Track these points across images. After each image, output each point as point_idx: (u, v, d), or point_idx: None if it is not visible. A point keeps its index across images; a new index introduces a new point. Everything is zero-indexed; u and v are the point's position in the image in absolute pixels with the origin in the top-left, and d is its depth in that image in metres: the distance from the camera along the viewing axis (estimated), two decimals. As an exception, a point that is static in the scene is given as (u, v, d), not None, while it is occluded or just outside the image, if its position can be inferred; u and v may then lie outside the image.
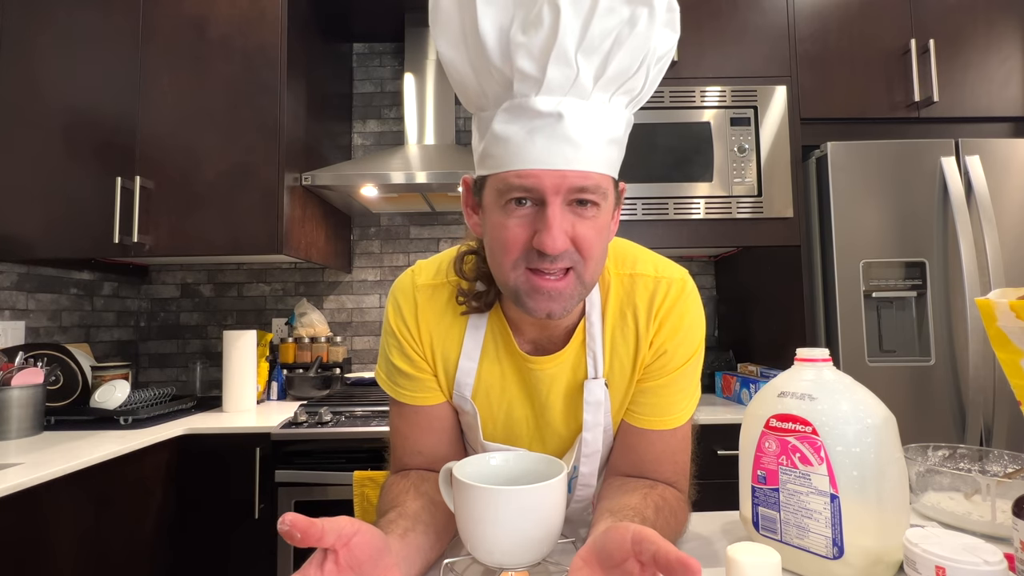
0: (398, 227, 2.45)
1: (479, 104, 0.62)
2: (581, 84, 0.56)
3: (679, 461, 0.74)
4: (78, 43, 1.81)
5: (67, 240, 1.76)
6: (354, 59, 2.52)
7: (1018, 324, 0.57)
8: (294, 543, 0.45)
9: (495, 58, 0.56)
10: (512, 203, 0.58)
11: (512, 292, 0.62)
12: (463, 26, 0.57)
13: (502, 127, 0.57)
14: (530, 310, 0.61)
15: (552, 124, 0.56)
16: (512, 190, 0.58)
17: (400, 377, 0.74)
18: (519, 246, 0.59)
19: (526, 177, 0.56)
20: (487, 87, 0.59)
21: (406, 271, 0.77)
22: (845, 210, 1.72)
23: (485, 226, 0.64)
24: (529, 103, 0.56)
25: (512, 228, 0.59)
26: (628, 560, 0.45)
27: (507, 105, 0.57)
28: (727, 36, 1.91)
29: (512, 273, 0.61)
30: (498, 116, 0.58)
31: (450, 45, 0.59)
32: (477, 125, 0.63)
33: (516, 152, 0.57)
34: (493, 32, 0.55)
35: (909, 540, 0.53)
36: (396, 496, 0.68)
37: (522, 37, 0.55)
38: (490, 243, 0.63)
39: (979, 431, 1.62)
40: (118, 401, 1.71)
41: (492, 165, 0.59)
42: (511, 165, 0.57)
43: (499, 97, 0.58)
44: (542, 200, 0.57)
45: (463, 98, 0.64)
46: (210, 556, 1.59)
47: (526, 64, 0.55)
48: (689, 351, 0.71)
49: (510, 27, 0.55)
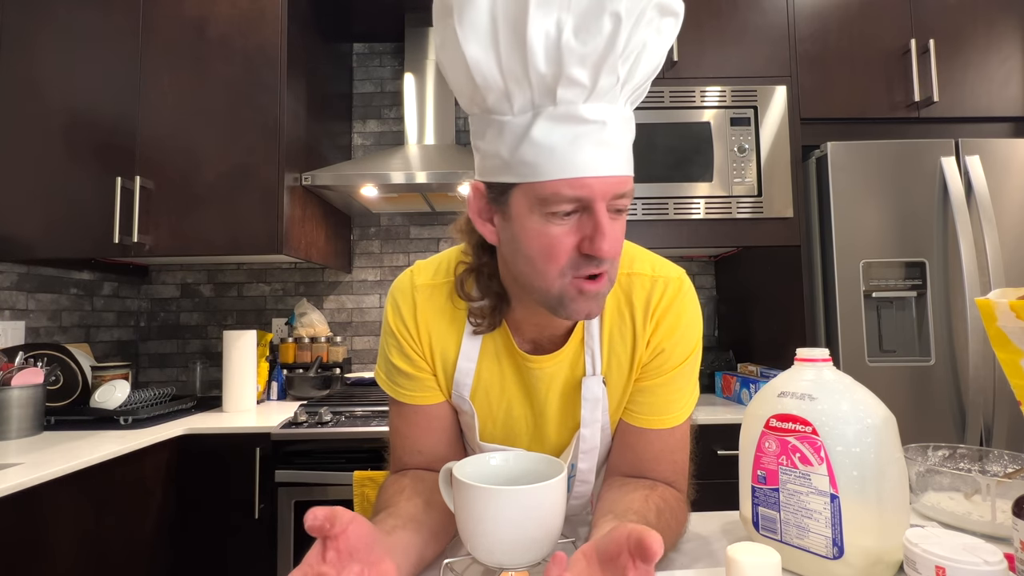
0: (398, 227, 2.45)
1: (496, 108, 0.58)
2: (615, 91, 0.56)
3: (678, 460, 0.74)
4: (78, 43, 1.81)
5: (67, 240, 1.76)
6: (354, 59, 2.52)
7: (1018, 324, 0.57)
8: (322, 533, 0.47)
9: (540, 63, 0.54)
10: (555, 212, 0.57)
11: (555, 299, 0.61)
12: (497, 27, 0.54)
13: (543, 134, 0.56)
14: (572, 313, 0.61)
15: (597, 131, 0.56)
16: (561, 200, 0.56)
17: (400, 377, 0.74)
18: (566, 254, 0.58)
19: (578, 186, 0.55)
20: (517, 92, 0.56)
21: (405, 271, 0.76)
22: (845, 210, 1.72)
23: (512, 235, 0.61)
24: (576, 110, 0.55)
25: (558, 236, 0.58)
26: (622, 554, 0.47)
27: (550, 112, 0.56)
28: (727, 36, 1.91)
29: (558, 281, 0.60)
30: (538, 123, 0.56)
31: (480, 46, 0.55)
32: (498, 131, 0.59)
33: (563, 160, 0.55)
34: (541, 37, 0.53)
35: (909, 540, 0.53)
36: (390, 497, 0.68)
37: (576, 44, 0.53)
38: (527, 252, 0.60)
39: (979, 431, 1.62)
40: (118, 401, 1.71)
41: (528, 173, 0.57)
42: (559, 174, 0.55)
43: (532, 102, 0.56)
44: (587, 207, 0.57)
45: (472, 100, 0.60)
46: (210, 556, 1.59)
47: (578, 72, 0.54)
48: (687, 350, 0.71)
49: (559, 33, 0.53)
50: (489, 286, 0.69)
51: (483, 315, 0.70)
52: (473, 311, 0.70)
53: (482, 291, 0.69)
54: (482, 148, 0.61)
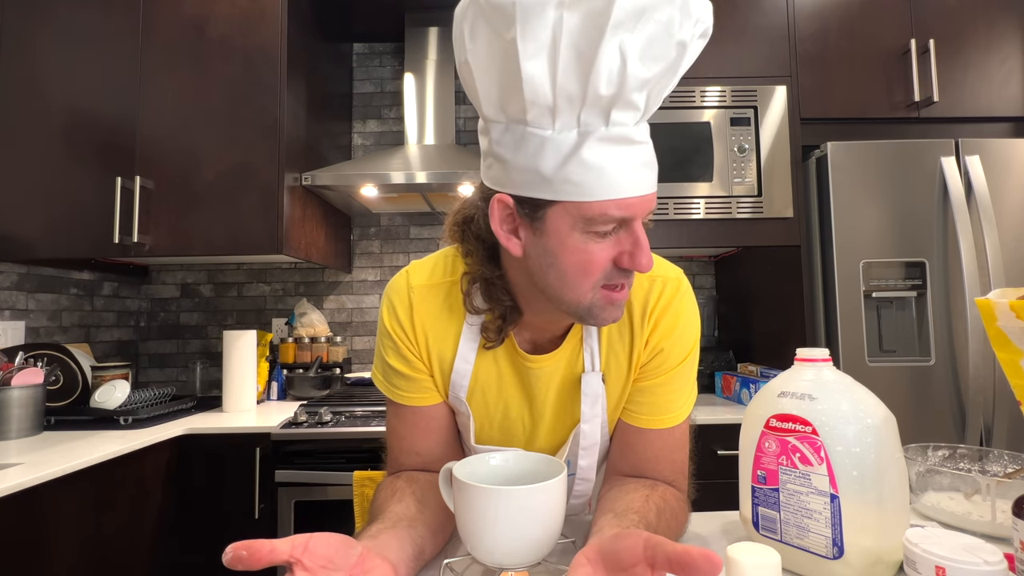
0: (398, 227, 2.45)
1: (535, 122, 0.56)
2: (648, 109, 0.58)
3: (677, 460, 0.74)
4: (78, 43, 1.81)
5: (67, 240, 1.76)
6: (354, 59, 2.52)
7: (1018, 324, 0.57)
8: (243, 565, 0.44)
9: (602, 85, 0.53)
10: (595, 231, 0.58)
11: (585, 309, 0.62)
12: (557, 43, 0.53)
13: (594, 156, 0.55)
14: (601, 321, 0.63)
15: (640, 151, 0.58)
16: (608, 220, 0.57)
17: (396, 378, 0.74)
18: (601, 269, 0.60)
19: (626, 207, 0.57)
20: (566, 109, 0.55)
21: (400, 272, 0.76)
22: (845, 210, 1.72)
23: (546, 250, 0.60)
24: (628, 132, 0.56)
25: (597, 252, 0.59)
26: (638, 565, 0.45)
27: (602, 133, 0.56)
28: (727, 36, 1.91)
29: (590, 294, 0.61)
30: (589, 144, 0.55)
31: (539, 62, 0.53)
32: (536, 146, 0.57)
33: (613, 181, 0.56)
34: (608, 59, 0.52)
35: (909, 540, 0.53)
36: (383, 502, 0.67)
37: (641, 69, 0.53)
38: (562, 267, 0.60)
39: (979, 431, 1.62)
40: (118, 401, 1.71)
41: (573, 192, 0.56)
42: (608, 194, 0.56)
43: (579, 120, 0.56)
44: (625, 223, 0.59)
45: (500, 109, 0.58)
46: (210, 556, 1.59)
47: (636, 96, 0.55)
48: (685, 350, 0.72)
49: (624, 56, 0.53)
50: (502, 300, 0.68)
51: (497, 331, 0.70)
52: (486, 326, 0.70)
53: (491, 303, 0.69)
54: (509, 160, 0.59)
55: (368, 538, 0.57)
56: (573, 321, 0.71)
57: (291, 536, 0.48)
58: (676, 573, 0.43)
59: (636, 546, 0.46)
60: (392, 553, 0.56)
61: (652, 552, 0.44)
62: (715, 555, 0.41)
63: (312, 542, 0.48)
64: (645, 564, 0.45)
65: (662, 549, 0.44)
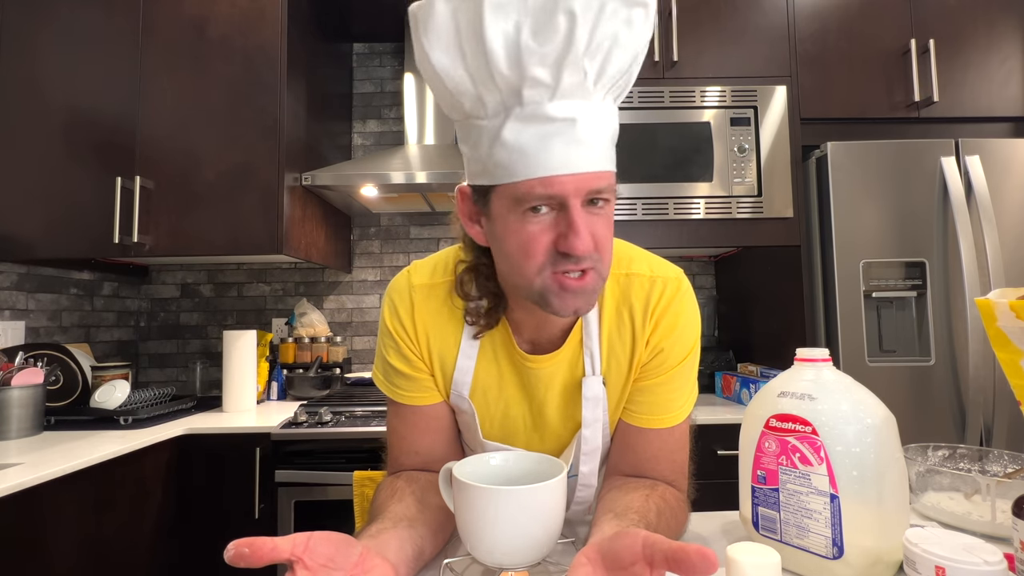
0: (398, 227, 2.45)
1: (473, 112, 0.60)
2: (587, 87, 0.56)
3: (677, 460, 0.74)
4: (78, 43, 1.81)
5: (67, 240, 1.76)
6: (354, 59, 2.52)
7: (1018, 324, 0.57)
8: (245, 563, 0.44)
9: (502, 66, 0.55)
10: (530, 210, 0.58)
11: (537, 295, 0.61)
12: (460, 34, 0.56)
13: (513, 135, 0.56)
14: (557, 309, 0.61)
15: (567, 129, 0.56)
16: (534, 198, 0.57)
17: (397, 377, 0.74)
18: (543, 251, 0.59)
19: (549, 185, 0.56)
20: (487, 95, 0.58)
21: (402, 271, 0.76)
22: (845, 210, 1.72)
23: (495, 235, 0.63)
24: (543, 110, 0.56)
25: (535, 234, 0.59)
26: (637, 563, 0.46)
27: (518, 113, 0.56)
28: (727, 36, 1.91)
29: (537, 278, 0.60)
30: (508, 124, 0.57)
31: (446, 54, 0.57)
32: (477, 135, 0.60)
33: (534, 160, 0.56)
34: (500, 40, 0.54)
35: (909, 540, 0.53)
36: (383, 502, 0.67)
37: (534, 44, 0.54)
38: (507, 251, 0.62)
39: (979, 431, 1.62)
40: (118, 401, 1.71)
41: (503, 175, 0.58)
42: (531, 173, 0.56)
43: (503, 104, 0.57)
44: (562, 204, 0.58)
45: (451, 106, 0.61)
46: (210, 556, 1.59)
47: (539, 71, 0.54)
48: (685, 349, 0.71)
49: (517, 34, 0.54)
50: (487, 286, 0.69)
51: (479, 314, 0.70)
52: (469, 310, 0.70)
53: (480, 291, 0.69)
54: (466, 153, 0.63)
55: (368, 538, 0.57)
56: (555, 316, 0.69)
57: (292, 535, 0.48)
58: (673, 571, 0.43)
59: (635, 545, 0.46)
60: (392, 553, 0.56)
61: (650, 550, 0.44)
62: (711, 552, 0.41)
63: (313, 541, 0.48)
64: (644, 563, 0.45)
65: (659, 547, 0.44)
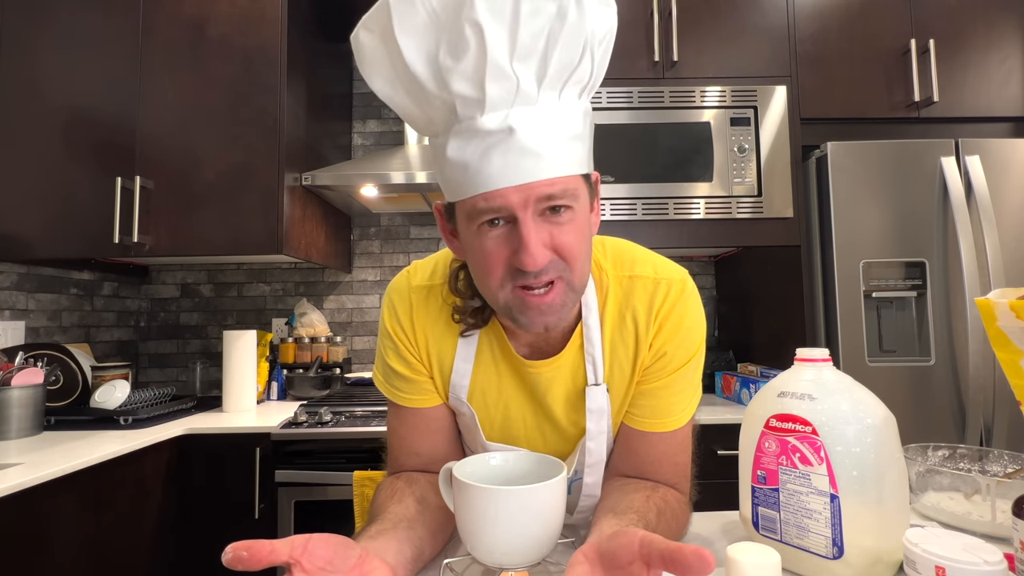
0: (398, 227, 2.45)
1: (430, 131, 0.61)
2: (524, 91, 0.54)
3: (680, 463, 0.73)
4: (78, 43, 1.81)
5: (67, 240, 1.76)
6: (354, 59, 2.51)
7: (1018, 324, 0.57)
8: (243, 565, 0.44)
9: (430, 86, 0.55)
10: (484, 225, 0.57)
11: (504, 310, 0.62)
12: (392, 60, 0.56)
13: (456, 152, 0.56)
14: (524, 325, 0.61)
15: (504, 139, 0.54)
16: (481, 213, 0.56)
17: (396, 379, 0.74)
18: (500, 265, 0.58)
19: (492, 199, 0.55)
20: (432, 115, 0.58)
21: (401, 272, 0.76)
22: (845, 210, 1.72)
23: (463, 251, 0.63)
24: (476, 124, 0.54)
25: (490, 250, 0.58)
26: (634, 563, 0.45)
27: (456, 129, 0.56)
28: (727, 36, 1.91)
29: (500, 293, 0.60)
30: (450, 142, 0.56)
31: (385, 82, 0.58)
32: (434, 153, 0.61)
33: (475, 175, 0.55)
34: (421, 61, 0.54)
35: (909, 540, 0.53)
36: (382, 503, 0.67)
37: (451, 62, 0.53)
38: (473, 267, 0.62)
39: (979, 431, 1.62)
40: (118, 401, 1.71)
41: (455, 191, 0.58)
42: (474, 189, 0.55)
43: (446, 122, 0.57)
44: (512, 217, 0.56)
45: (414, 128, 0.63)
46: (210, 556, 1.58)
47: (462, 87, 0.54)
48: (689, 352, 0.71)
49: (437, 53, 0.53)
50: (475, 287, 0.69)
51: (466, 312, 0.69)
52: (457, 307, 0.70)
53: (472, 289, 0.69)
54: (437, 170, 0.64)
55: (367, 539, 0.57)
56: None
57: (290, 537, 0.47)
58: (670, 570, 0.43)
59: (632, 544, 0.45)
60: (391, 555, 0.56)
61: (647, 550, 0.44)
62: (708, 553, 0.41)
63: (311, 543, 0.48)
64: (641, 562, 0.45)
65: (656, 547, 0.43)
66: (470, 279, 0.69)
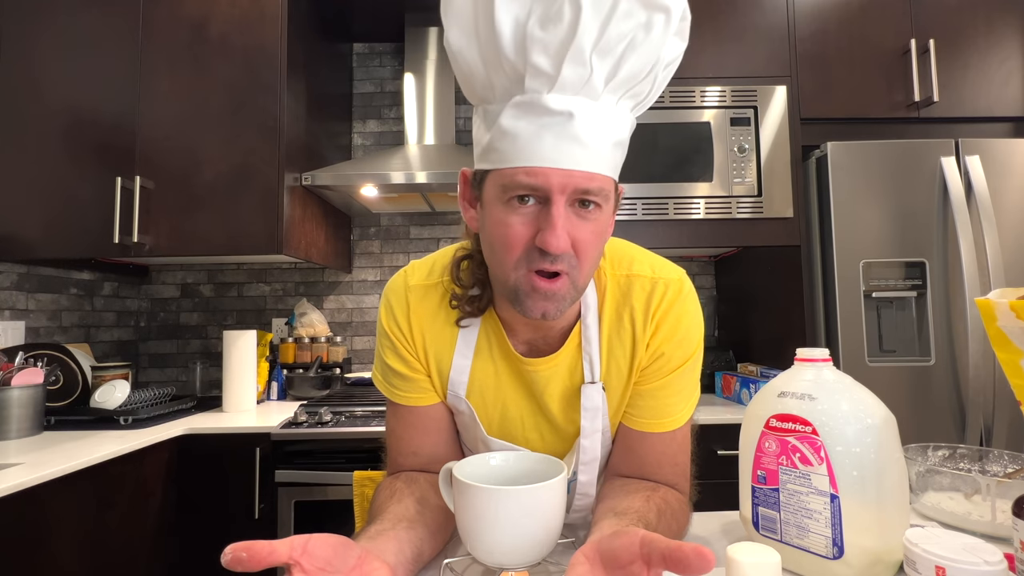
0: (398, 227, 2.45)
1: (484, 96, 0.61)
2: (593, 85, 0.56)
3: (679, 463, 0.73)
4: (78, 43, 1.81)
5: (67, 240, 1.76)
6: (354, 59, 2.52)
7: (1018, 324, 0.57)
8: (243, 566, 0.44)
9: (509, 51, 0.55)
10: (515, 200, 0.58)
11: (511, 291, 0.61)
12: (476, 15, 0.56)
13: (510, 122, 0.57)
14: (526, 310, 0.61)
15: (562, 123, 0.55)
16: (518, 187, 0.57)
17: (395, 378, 0.74)
18: (522, 244, 0.59)
19: (534, 175, 0.56)
20: (496, 80, 0.58)
21: (399, 271, 0.76)
22: (845, 210, 1.72)
23: (484, 221, 0.63)
24: (541, 100, 0.55)
25: (515, 226, 0.58)
26: (635, 563, 0.45)
27: (517, 100, 0.56)
28: (727, 36, 1.91)
29: (514, 272, 0.60)
30: (506, 111, 0.57)
31: (462, 34, 0.58)
32: (483, 118, 0.61)
33: (524, 148, 0.56)
34: (509, 24, 0.54)
35: (909, 540, 0.53)
36: (382, 503, 0.67)
37: (540, 32, 0.54)
38: (490, 239, 0.62)
39: (979, 431, 1.62)
40: (118, 401, 1.71)
41: (496, 160, 0.58)
42: (519, 161, 0.56)
43: (508, 91, 0.58)
44: (546, 198, 0.57)
45: (467, 90, 0.62)
46: (210, 556, 1.58)
47: (541, 60, 0.54)
48: (687, 353, 0.71)
49: (527, 21, 0.54)
50: (477, 273, 0.69)
51: (463, 299, 0.69)
52: (455, 295, 0.70)
53: (472, 278, 0.69)
54: (475, 137, 0.64)
55: (367, 539, 0.57)
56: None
57: (290, 537, 0.47)
58: (670, 570, 0.43)
59: (632, 544, 0.45)
60: (391, 556, 0.56)
61: (647, 549, 0.44)
62: (708, 551, 0.41)
63: (311, 544, 0.48)
64: (641, 562, 0.45)
65: (656, 546, 0.43)
66: (472, 270, 0.69)
